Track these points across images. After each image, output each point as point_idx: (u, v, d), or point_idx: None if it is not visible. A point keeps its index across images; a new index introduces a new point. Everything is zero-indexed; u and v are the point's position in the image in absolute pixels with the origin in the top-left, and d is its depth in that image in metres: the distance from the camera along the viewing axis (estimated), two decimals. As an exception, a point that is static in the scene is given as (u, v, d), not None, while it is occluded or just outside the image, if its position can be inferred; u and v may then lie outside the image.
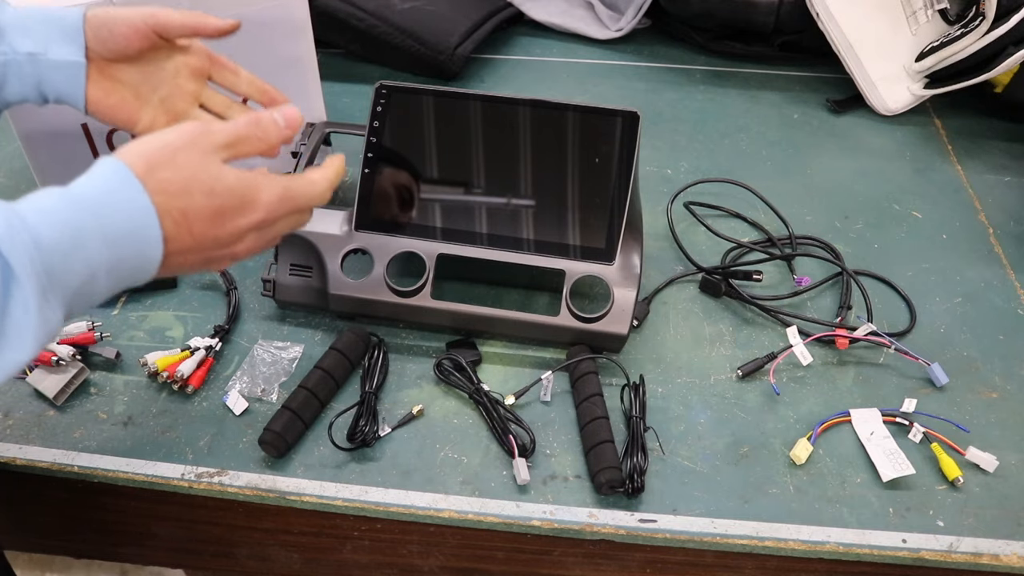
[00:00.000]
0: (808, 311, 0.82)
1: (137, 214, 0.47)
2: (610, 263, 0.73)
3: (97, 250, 0.46)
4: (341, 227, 0.75)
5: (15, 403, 0.71)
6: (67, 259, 0.45)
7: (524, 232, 0.74)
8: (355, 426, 0.68)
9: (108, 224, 0.46)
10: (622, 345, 0.74)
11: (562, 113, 0.75)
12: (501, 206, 0.75)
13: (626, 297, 0.72)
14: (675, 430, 0.71)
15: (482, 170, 0.75)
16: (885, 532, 0.64)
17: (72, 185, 0.47)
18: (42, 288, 0.43)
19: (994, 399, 0.74)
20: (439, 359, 0.73)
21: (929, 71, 1.06)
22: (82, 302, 0.47)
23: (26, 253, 0.43)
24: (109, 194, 0.47)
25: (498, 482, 0.67)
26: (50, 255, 0.44)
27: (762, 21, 1.12)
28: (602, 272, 0.73)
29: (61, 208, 0.45)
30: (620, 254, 0.73)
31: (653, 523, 0.64)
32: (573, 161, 0.75)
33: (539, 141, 0.75)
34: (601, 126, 0.75)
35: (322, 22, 0.95)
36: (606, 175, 0.74)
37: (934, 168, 1.02)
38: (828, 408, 0.73)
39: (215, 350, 0.74)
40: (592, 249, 0.73)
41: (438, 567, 0.72)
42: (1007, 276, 0.87)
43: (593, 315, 0.73)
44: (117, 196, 0.47)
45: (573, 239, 0.74)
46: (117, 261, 0.47)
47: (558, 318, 0.73)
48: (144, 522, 0.74)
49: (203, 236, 0.51)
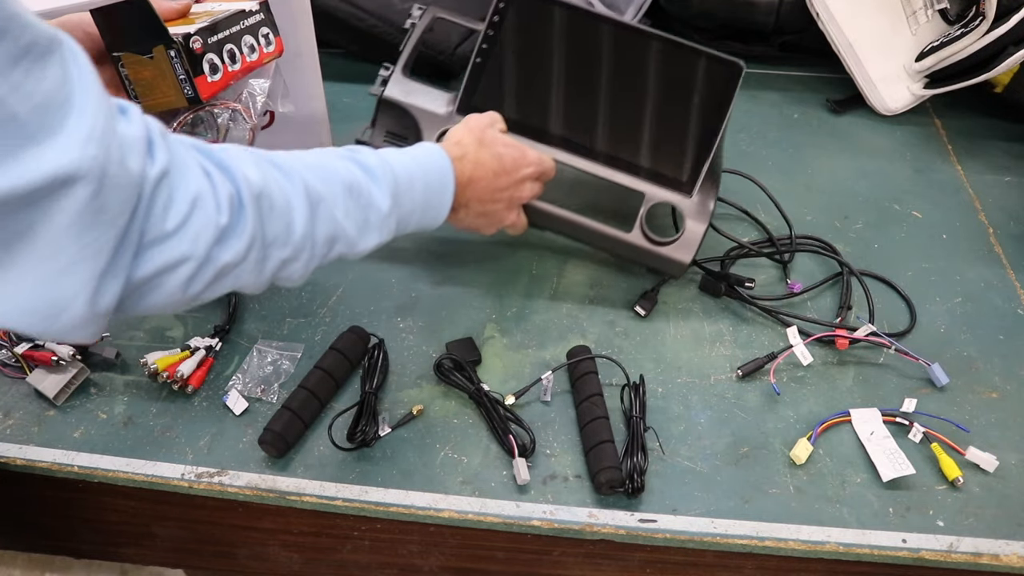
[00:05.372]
0: (808, 311, 0.82)
1: (441, 173, 0.67)
2: (688, 196, 0.78)
3: (420, 192, 0.65)
4: (444, 107, 0.81)
5: (15, 403, 0.71)
6: (404, 194, 0.63)
7: (615, 151, 0.80)
8: (355, 426, 0.68)
9: (427, 175, 0.66)
10: (682, 273, 0.80)
11: (674, 48, 0.80)
12: (599, 121, 0.80)
13: (697, 229, 0.78)
14: (675, 430, 0.71)
15: (586, 85, 0.80)
16: (885, 532, 0.64)
17: (406, 148, 0.67)
18: (391, 206, 0.62)
19: (994, 399, 0.74)
20: (439, 359, 0.73)
21: (929, 71, 1.06)
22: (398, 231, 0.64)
23: (390, 182, 0.62)
24: (427, 155, 0.67)
25: (498, 482, 0.67)
26: (398, 188, 0.62)
27: (762, 21, 1.12)
28: (679, 202, 0.78)
29: (405, 160, 0.65)
30: (698, 191, 0.78)
31: (653, 523, 0.64)
32: (675, 96, 0.79)
33: (647, 69, 0.80)
34: (708, 70, 0.79)
35: (323, 22, 0.95)
36: (701, 116, 0.79)
37: (934, 168, 1.02)
38: (828, 408, 0.73)
39: (215, 350, 0.74)
40: (675, 180, 0.79)
41: (438, 567, 0.72)
42: (1007, 276, 0.87)
43: (663, 239, 0.77)
44: (434, 161, 0.67)
45: (659, 167, 0.79)
46: (426, 204, 0.66)
47: (630, 235, 0.78)
48: (144, 522, 0.74)
49: (488, 187, 0.71)
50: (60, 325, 0.45)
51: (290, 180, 0.55)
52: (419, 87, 0.83)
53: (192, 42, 0.66)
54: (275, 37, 0.77)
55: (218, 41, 0.70)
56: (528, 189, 0.75)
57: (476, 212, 0.72)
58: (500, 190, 0.72)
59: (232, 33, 0.72)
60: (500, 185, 0.72)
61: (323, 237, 0.57)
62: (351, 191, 0.59)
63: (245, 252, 0.52)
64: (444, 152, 0.68)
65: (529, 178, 0.75)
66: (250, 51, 0.74)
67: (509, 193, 0.73)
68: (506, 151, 0.73)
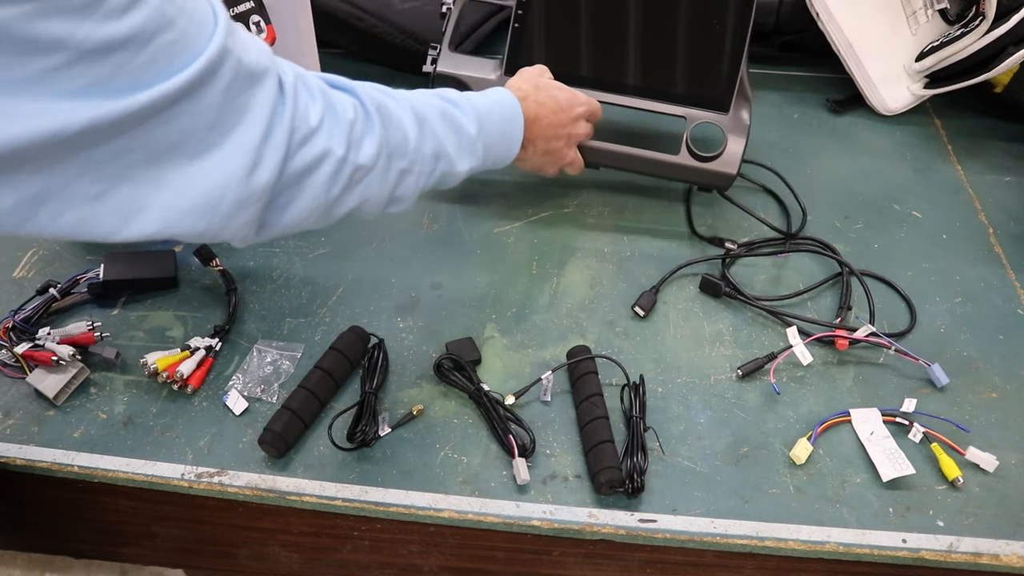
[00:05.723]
0: (808, 311, 0.82)
1: (512, 108, 0.76)
2: (725, 113, 0.87)
3: (498, 122, 0.73)
4: (493, 72, 0.90)
5: (15, 403, 0.71)
6: (486, 123, 0.71)
7: (654, 83, 0.89)
8: (355, 426, 0.68)
9: (502, 109, 0.74)
10: (729, 184, 0.87)
11: None
12: (635, 59, 0.88)
13: (737, 143, 0.86)
14: (675, 430, 0.71)
15: (617, 29, 0.88)
16: (885, 532, 0.64)
17: (479, 92, 0.75)
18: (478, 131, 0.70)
19: (994, 399, 0.74)
20: (439, 359, 0.73)
21: (929, 71, 1.06)
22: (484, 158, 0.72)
23: (473, 112, 0.70)
24: (498, 94, 0.75)
25: (498, 482, 0.67)
26: (480, 117, 0.70)
27: (762, 21, 1.12)
28: (718, 119, 0.87)
29: (481, 98, 0.73)
30: (733, 107, 0.87)
31: (653, 523, 0.64)
32: (699, 22, 0.88)
33: (671, 5, 0.88)
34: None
35: (322, 22, 0.95)
36: (725, 37, 0.87)
37: (934, 168, 1.02)
38: (828, 408, 0.73)
39: (215, 350, 0.74)
40: (711, 100, 0.88)
41: (438, 567, 0.72)
42: (1007, 276, 0.87)
43: (708, 154, 0.86)
44: (503, 99, 0.75)
45: (696, 90, 0.88)
46: (503, 134, 0.74)
47: (678, 157, 0.87)
48: (144, 522, 0.74)
49: (550, 123, 0.80)
50: (221, 212, 0.51)
51: (397, 100, 0.64)
52: (466, 59, 0.93)
53: None
54: (267, 25, 0.77)
55: None
56: (583, 127, 0.84)
57: (541, 150, 0.81)
58: (560, 126, 0.81)
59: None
60: (559, 122, 0.81)
61: (430, 152, 0.65)
62: (444, 116, 0.68)
63: (375, 156, 0.60)
64: (511, 92, 0.76)
65: (582, 116, 0.84)
66: None
67: (568, 130, 0.82)
68: (560, 93, 0.82)
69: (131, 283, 0.80)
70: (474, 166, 0.71)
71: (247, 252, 0.85)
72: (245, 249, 0.85)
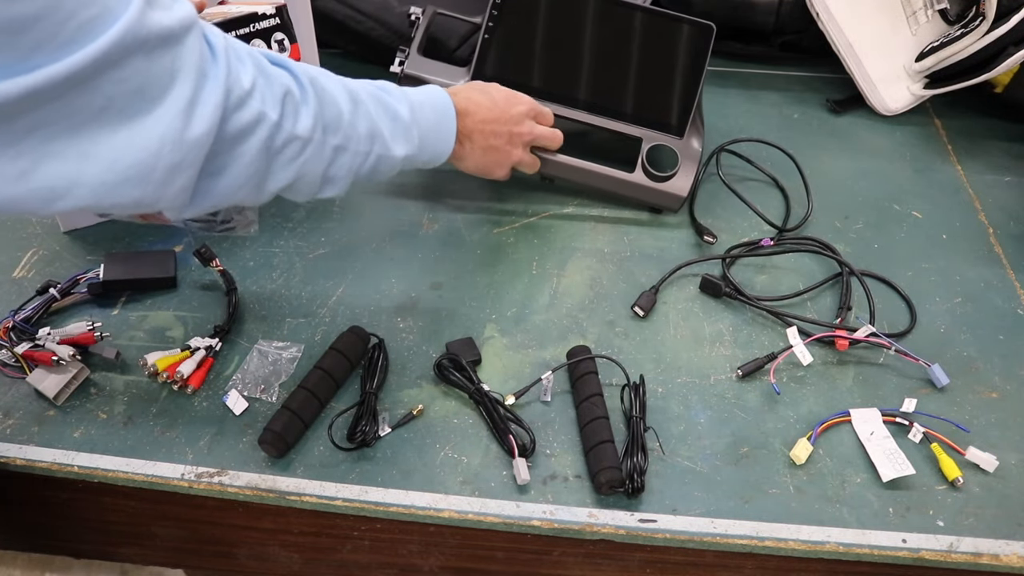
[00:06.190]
0: (808, 311, 0.82)
1: (443, 99, 0.75)
2: (680, 137, 0.91)
3: (430, 111, 0.73)
4: (460, 78, 0.92)
5: (15, 403, 0.71)
6: (418, 111, 0.71)
7: (616, 104, 0.92)
8: (355, 426, 0.68)
9: (433, 100, 0.74)
10: (680, 206, 0.91)
11: (657, 16, 0.91)
12: (600, 81, 0.91)
13: (689, 166, 0.90)
14: (675, 430, 0.71)
15: (586, 51, 0.91)
16: (885, 532, 0.64)
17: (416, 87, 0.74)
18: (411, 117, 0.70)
19: (994, 399, 0.74)
20: (439, 359, 0.73)
21: (929, 71, 1.06)
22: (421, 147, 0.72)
23: (404, 99, 0.70)
24: (427, 88, 0.75)
25: (498, 482, 0.67)
26: (412, 104, 0.70)
27: (762, 21, 1.12)
28: (672, 143, 0.91)
29: (410, 89, 0.73)
30: (688, 133, 0.91)
31: (653, 523, 0.64)
32: (662, 55, 0.91)
33: (637, 35, 0.91)
34: (687, 32, 0.91)
35: (320, 23, 0.95)
36: (685, 70, 0.91)
37: (934, 168, 1.02)
38: (828, 408, 0.73)
39: (215, 350, 0.74)
40: (668, 125, 0.92)
41: (438, 567, 0.72)
42: (1007, 276, 0.87)
43: (662, 174, 0.89)
44: (435, 92, 0.75)
45: (654, 115, 0.92)
46: (436, 125, 0.73)
47: (633, 175, 0.90)
48: (144, 522, 0.74)
49: (485, 119, 0.78)
50: (155, 179, 0.50)
51: (330, 78, 0.64)
52: (435, 64, 0.93)
53: None
54: (291, 44, 0.77)
55: None
56: (527, 127, 0.83)
57: (480, 147, 0.79)
58: (497, 122, 0.80)
59: (240, 36, 0.71)
60: (495, 118, 0.80)
61: (365, 131, 0.65)
62: (378, 100, 0.68)
63: (312, 128, 0.59)
64: (442, 88, 0.76)
65: (524, 115, 0.83)
66: None
67: (508, 128, 0.81)
68: (497, 92, 0.81)
69: (131, 283, 0.80)
70: (410, 153, 0.70)
71: (247, 252, 0.85)
72: (245, 249, 0.85)
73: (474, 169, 0.82)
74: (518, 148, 0.83)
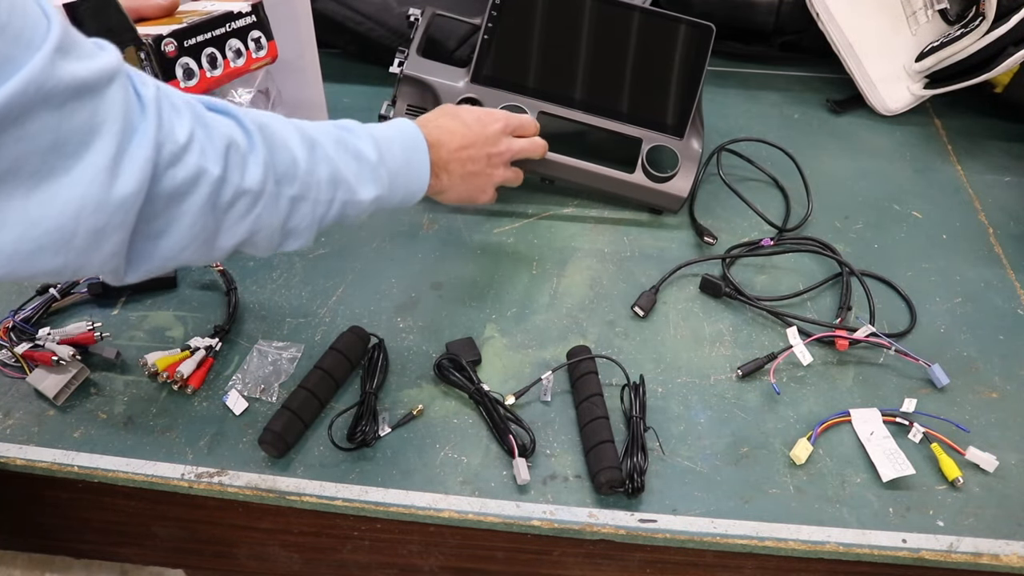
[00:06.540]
0: (808, 311, 0.82)
1: (412, 133, 0.69)
2: (679, 138, 0.90)
3: (399, 148, 0.67)
4: (460, 78, 0.91)
5: (15, 403, 0.71)
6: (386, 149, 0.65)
7: (616, 105, 0.91)
8: (355, 426, 0.68)
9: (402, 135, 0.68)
10: (680, 207, 0.91)
11: (657, 17, 0.91)
12: (601, 81, 0.91)
13: (689, 167, 0.90)
14: (675, 430, 0.71)
15: (586, 52, 0.91)
16: (885, 532, 0.64)
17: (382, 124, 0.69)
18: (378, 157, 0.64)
19: (994, 399, 0.74)
20: (439, 359, 0.73)
21: (929, 71, 1.06)
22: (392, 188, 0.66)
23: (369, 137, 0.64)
24: (394, 122, 0.70)
25: (498, 482, 0.67)
26: (378, 143, 0.64)
27: (762, 21, 1.12)
28: (672, 143, 0.90)
29: (376, 126, 0.67)
30: (688, 134, 0.91)
31: (653, 523, 0.64)
32: (662, 56, 0.91)
33: (638, 36, 0.91)
34: (683, 31, 0.90)
35: (320, 24, 0.95)
36: (685, 70, 0.90)
37: (934, 168, 1.02)
38: (828, 408, 0.73)
39: (215, 350, 0.74)
40: (668, 125, 0.91)
41: (438, 567, 0.72)
42: (1007, 276, 0.87)
43: (662, 174, 0.89)
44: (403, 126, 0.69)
45: (654, 116, 0.91)
46: (407, 161, 0.67)
47: (633, 176, 0.90)
48: (144, 522, 0.74)
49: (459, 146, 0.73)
50: (77, 246, 0.45)
51: (282, 123, 0.58)
52: (434, 64, 0.92)
53: (164, 44, 0.63)
54: (268, 41, 0.75)
55: (197, 44, 0.67)
56: (505, 144, 0.78)
57: (459, 175, 0.74)
58: (473, 147, 0.75)
59: (215, 36, 0.69)
60: (471, 143, 0.75)
61: (325, 177, 0.59)
62: (338, 141, 0.61)
63: (262, 180, 0.54)
64: (409, 120, 0.71)
65: (500, 133, 0.78)
66: (236, 56, 0.72)
67: (486, 151, 0.76)
68: (468, 115, 0.77)
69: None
70: (381, 194, 0.64)
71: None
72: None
73: (456, 200, 0.77)
74: (499, 168, 0.78)
